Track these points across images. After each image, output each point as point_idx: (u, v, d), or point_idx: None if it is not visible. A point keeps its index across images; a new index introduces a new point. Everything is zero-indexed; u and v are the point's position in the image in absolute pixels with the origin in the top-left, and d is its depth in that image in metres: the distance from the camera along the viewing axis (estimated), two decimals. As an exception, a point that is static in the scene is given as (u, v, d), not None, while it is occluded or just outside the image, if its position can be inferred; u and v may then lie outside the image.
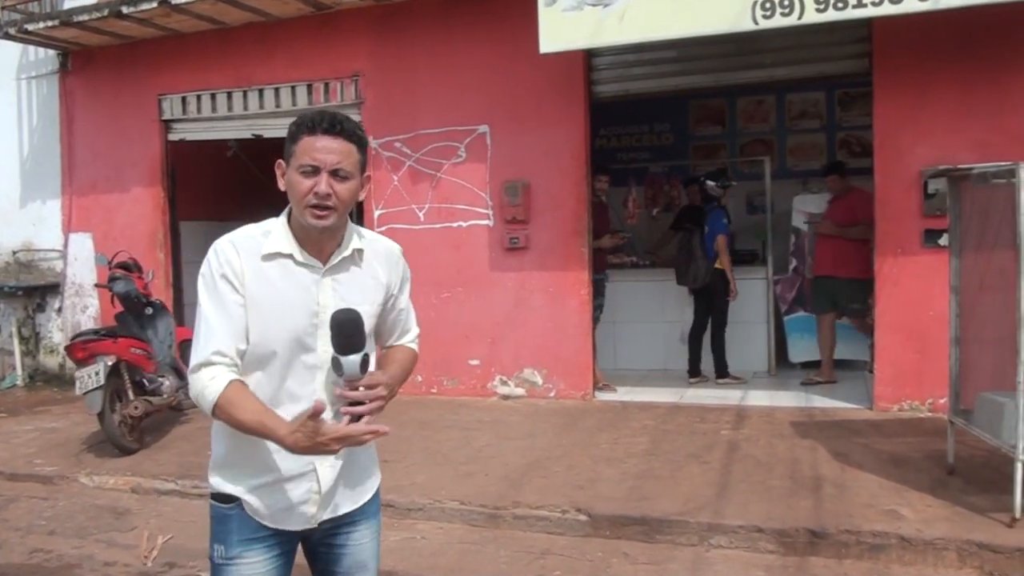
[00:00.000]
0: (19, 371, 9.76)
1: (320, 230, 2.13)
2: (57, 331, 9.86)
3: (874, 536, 4.36)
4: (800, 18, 5.91)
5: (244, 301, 2.12)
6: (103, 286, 7.49)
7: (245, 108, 8.89)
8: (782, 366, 8.67)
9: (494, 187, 7.92)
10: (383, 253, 2.31)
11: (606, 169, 8.28)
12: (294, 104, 8.64)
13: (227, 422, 2.09)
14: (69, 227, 9.68)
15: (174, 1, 7.86)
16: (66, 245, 9.71)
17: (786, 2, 5.91)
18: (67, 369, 9.34)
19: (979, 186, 4.78)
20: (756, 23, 6.03)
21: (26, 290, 9.82)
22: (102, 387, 6.23)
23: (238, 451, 2.19)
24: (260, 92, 8.80)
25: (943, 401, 6.43)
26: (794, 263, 8.78)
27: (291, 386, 2.17)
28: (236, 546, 2.21)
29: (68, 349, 6.51)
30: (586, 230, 7.68)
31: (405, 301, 2.41)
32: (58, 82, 9.70)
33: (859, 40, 6.84)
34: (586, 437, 6.45)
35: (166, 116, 9.24)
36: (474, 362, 8.02)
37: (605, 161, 9.57)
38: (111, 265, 7.38)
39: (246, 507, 2.21)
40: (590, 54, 7.56)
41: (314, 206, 2.09)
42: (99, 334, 6.62)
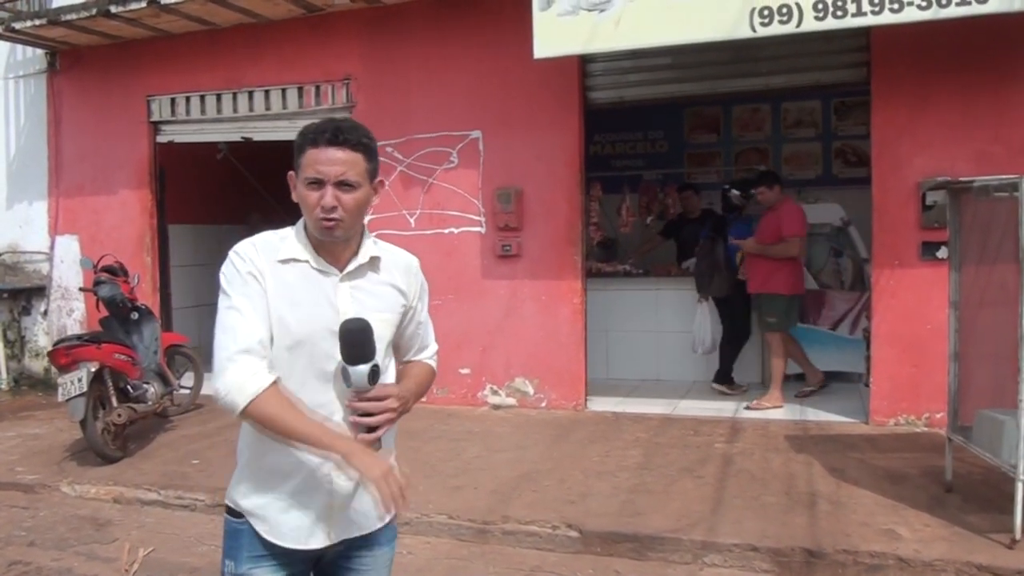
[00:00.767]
0: (3, 375, 9.61)
1: (330, 240, 2.13)
2: (43, 334, 9.72)
3: (872, 556, 4.27)
4: (799, 26, 5.83)
5: (267, 298, 2.12)
6: (88, 290, 7.37)
7: (235, 110, 8.77)
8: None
9: (486, 193, 7.82)
10: (402, 264, 2.30)
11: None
12: (284, 107, 8.53)
13: (261, 421, 2.04)
14: (55, 229, 9.53)
15: (163, 1, 7.73)
16: (52, 247, 9.57)
17: (784, 10, 5.83)
18: (52, 374, 9.16)
19: (981, 199, 4.69)
20: (754, 31, 5.95)
21: (11, 293, 9.67)
22: (85, 394, 6.10)
23: (259, 461, 2.18)
24: (250, 94, 8.68)
25: (939, 416, 6.37)
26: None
27: (309, 392, 2.12)
28: (246, 563, 2.19)
29: (51, 354, 6.38)
30: (580, 238, 7.58)
31: (423, 315, 2.39)
32: (46, 82, 9.56)
33: (857, 49, 6.76)
34: (577, 449, 6.35)
35: (155, 118, 9.11)
36: (464, 371, 7.91)
37: (599, 168, 9.48)
38: (97, 269, 7.26)
39: (257, 526, 2.18)
40: (585, 60, 7.46)
41: (322, 218, 2.09)
42: (83, 339, 6.49)
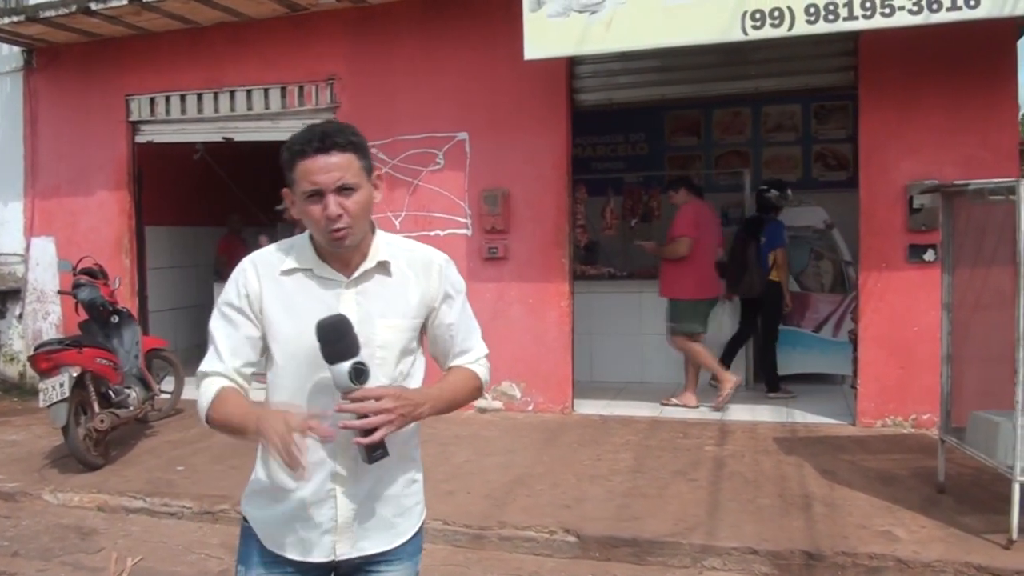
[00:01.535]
0: (-23, 380, 9.42)
1: (344, 250, 2.07)
2: (18, 338, 9.52)
3: (871, 558, 4.28)
4: (790, 29, 5.85)
5: (259, 323, 2.10)
6: (67, 293, 7.23)
7: (216, 110, 8.65)
8: (761, 380, 8.58)
9: (473, 195, 7.78)
10: (420, 263, 2.17)
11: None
12: (267, 107, 8.43)
13: (219, 430, 2.06)
14: (31, 231, 9.33)
15: (144, -1, 7.63)
16: (28, 249, 9.38)
17: (776, 13, 5.84)
18: (28, 378, 9.02)
19: (975, 202, 4.72)
20: (746, 33, 5.96)
21: (-14, 295, 9.48)
22: (67, 399, 5.96)
23: (267, 471, 2.13)
24: (232, 94, 8.57)
25: (927, 417, 6.43)
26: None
27: (317, 405, 2.04)
28: (256, 567, 2.15)
29: (32, 359, 6.23)
30: (567, 241, 7.55)
31: (454, 315, 2.23)
32: (22, 80, 9.37)
33: (845, 53, 6.80)
34: (568, 453, 6.32)
35: (134, 117, 8.97)
36: (450, 374, 7.83)
37: (580, 171, 9.45)
38: (75, 271, 7.12)
39: (260, 535, 2.15)
40: (573, 62, 7.44)
41: (332, 230, 2.01)
42: (64, 343, 6.35)
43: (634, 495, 5.31)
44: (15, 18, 8.22)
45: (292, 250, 2.12)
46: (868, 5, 5.64)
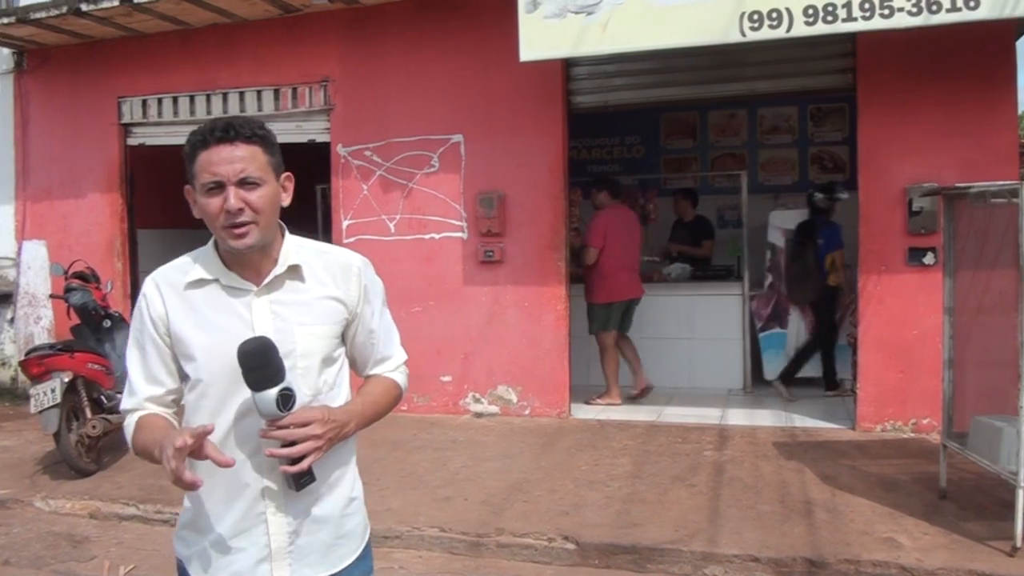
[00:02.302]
0: (-33, 384, 9.32)
1: (244, 250, 1.92)
2: (9, 343, 9.42)
3: (874, 566, 4.23)
4: (788, 31, 5.80)
5: (168, 343, 1.99)
6: (59, 297, 7.14)
7: (208, 112, 8.57)
8: (757, 383, 8.54)
9: (468, 198, 7.72)
10: (336, 266, 2.05)
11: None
12: (260, 109, 8.34)
13: (143, 456, 1.97)
14: (22, 234, 9.24)
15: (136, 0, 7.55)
16: (19, 253, 9.25)
17: (774, 14, 5.79)
18: (19, 383, 8.93)
19: (977, 205, 4.68)
20: (743, 35, 5.91)
21: (-24, 300, 9.39)
22: (58, 405, 5.90)
23: (192, 506, 2.01)
24: (224, 96, 8.50)
25: (926, 422, 6.39)
26: (770, 279, 8.67)
27: (241, 427, 1.93)
28: None
29: (23, 364, 6.16)
30: (563, 244, 7.50)
31: (376, 321, 2.12)
32: (13, 82, 9.28)
33: (843, 55, 6.76)
34: (565, 458, 6.26)
35: (125, 119, 8.90)
36: (446, 379, 7.79)
37: (575, 173, 9.40)
38: (67, 275, 7.04)
39: (194, 572, 2.01)
40: (569, 64, 7.39)
41: (230, 226, 1.88)
42: (55, 348, 6.28)
43: (633, 501, 5.25)
44: (6, 20, 8.15)
45: (196, 261, 2.00)
46: (867, 6, 5.60)
